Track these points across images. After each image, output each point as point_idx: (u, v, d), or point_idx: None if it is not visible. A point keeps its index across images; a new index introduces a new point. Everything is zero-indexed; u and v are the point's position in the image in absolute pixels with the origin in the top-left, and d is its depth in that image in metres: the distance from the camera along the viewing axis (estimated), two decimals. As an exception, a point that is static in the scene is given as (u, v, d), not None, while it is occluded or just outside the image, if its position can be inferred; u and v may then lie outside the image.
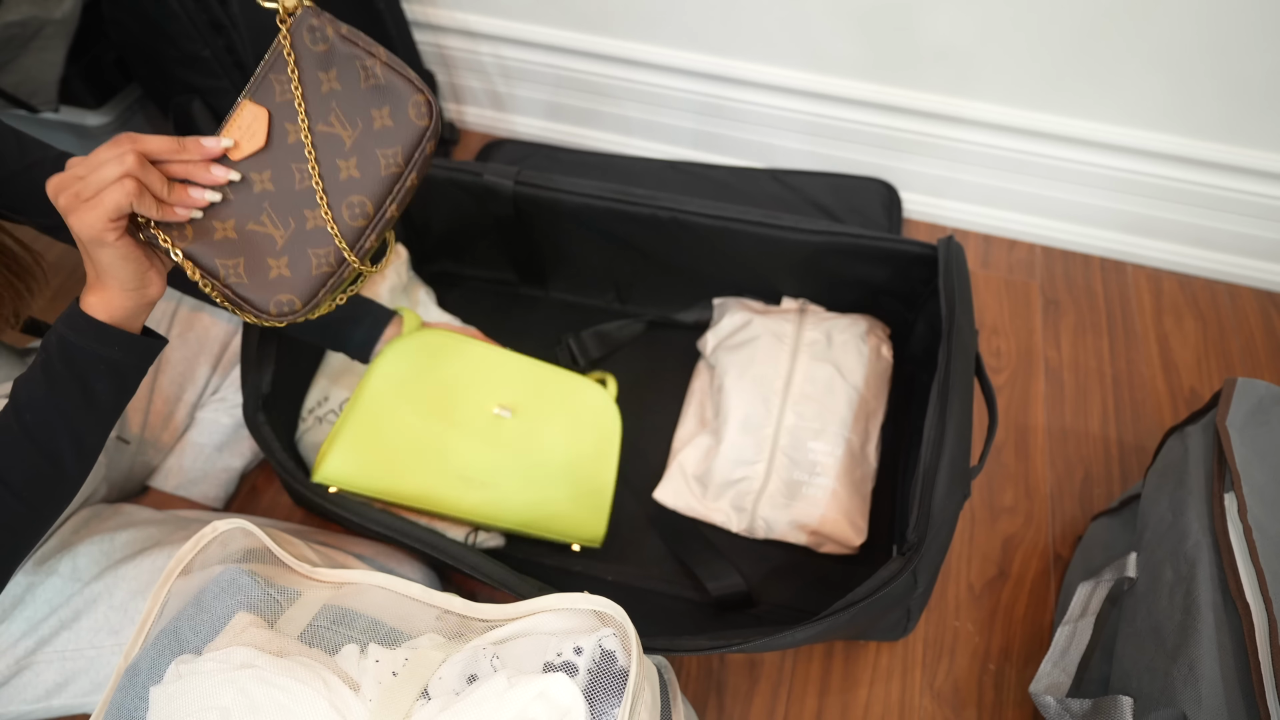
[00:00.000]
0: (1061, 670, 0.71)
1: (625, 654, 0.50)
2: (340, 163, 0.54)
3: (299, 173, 0.54)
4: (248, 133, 0.53)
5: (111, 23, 1.02)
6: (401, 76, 0.53)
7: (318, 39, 0.54)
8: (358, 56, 0.53)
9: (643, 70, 1.24)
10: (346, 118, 0.54)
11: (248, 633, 0.55)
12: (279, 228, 0.55)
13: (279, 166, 0.54)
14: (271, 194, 0.54)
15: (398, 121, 0.54)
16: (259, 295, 0.55)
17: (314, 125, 0.54)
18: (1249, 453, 0.67)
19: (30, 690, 0.70)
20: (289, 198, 0.54)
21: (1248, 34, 0.96)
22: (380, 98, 0.53)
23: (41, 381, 0.54)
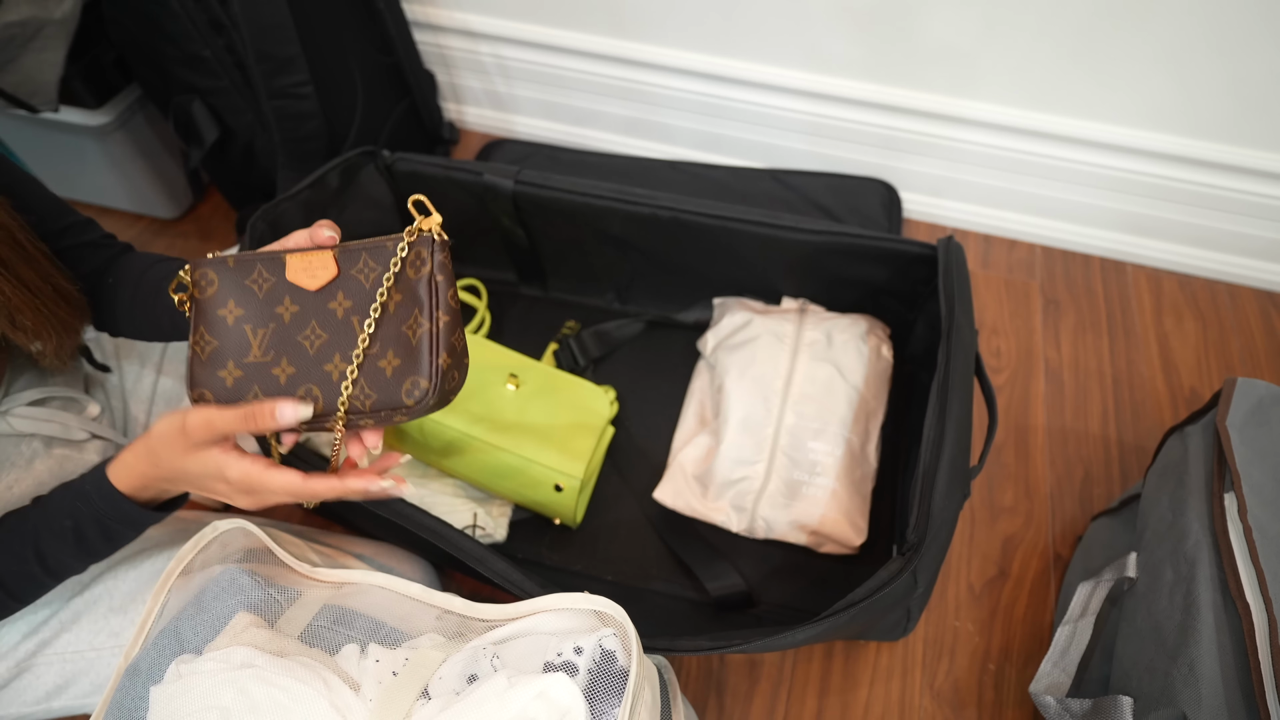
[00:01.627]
0: (1061, 670, 0.71)
1: (625, 654, 0.50)
2: (342, 357, 0.55)
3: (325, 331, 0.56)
4: (317, 265, 0.55)
5: (111, 23, 1.02)
6: (430, 355, 0.52)
7: (420, 268, 0.53)
8: (420, 305, 0.53)
9: (643, 70, 1.24)
10: (375, 335, 0.54)
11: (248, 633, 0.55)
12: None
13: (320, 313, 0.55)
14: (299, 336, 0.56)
15: (390, 381, 0.53)
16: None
17: (362, 314, 0.54)
18: (1249, 453, 0.67)
19: (30, 692, 0.70)
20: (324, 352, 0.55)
21: (1248, 34, 0.96)
22: (402, 349, 0.53)
23: (72, 545, 0.59)
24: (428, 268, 0.52)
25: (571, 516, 0.92)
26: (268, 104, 1.04)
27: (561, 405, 0.92)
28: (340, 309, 0.54)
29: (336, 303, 0.54)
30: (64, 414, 0.76)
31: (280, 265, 0.55)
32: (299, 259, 0.54)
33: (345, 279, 0.54)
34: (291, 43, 1.01)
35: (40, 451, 0.74)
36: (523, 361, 0.95)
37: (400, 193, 1.03)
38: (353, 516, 0.87)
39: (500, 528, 0.93)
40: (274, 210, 0.89)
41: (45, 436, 0.74)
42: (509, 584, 0.70)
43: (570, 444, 0.89)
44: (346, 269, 0.54)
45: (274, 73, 1.02)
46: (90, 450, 0.79)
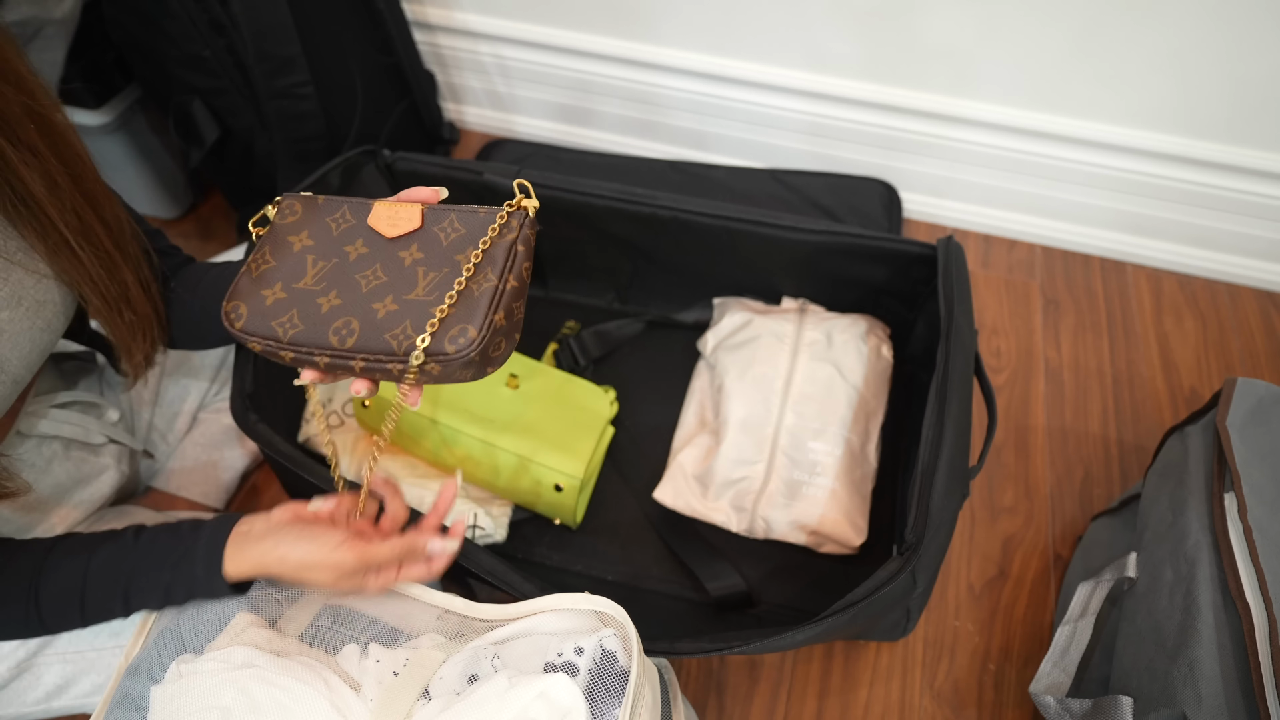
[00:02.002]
0: (1061, 670, 0.71)
1: (626, 654, 0.51)
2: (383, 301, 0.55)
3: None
4: (402, 216, 0.55)
5: (111, 23, 1.02)
6: (487, 309, 0.52)
7: (505, 234, 0.54)
8: (494, 265, 0.53)
9: (643, 70, 1.24)
10: (436, 281, 0.54)
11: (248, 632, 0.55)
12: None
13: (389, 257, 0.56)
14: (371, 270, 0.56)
15: (439, 327, 0.52)
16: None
17: (428, 267, 0.55)
18: (1249, 453, 0.67)
19: (31, 693, 0.70)
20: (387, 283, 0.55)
21: (1248, 34, 0.96)
22: (461, 299, 0.53)
23: (160, 598, 0.59)
24: (513, 235, 0.53)
25: (571, 516, 0.92)
26: (268, 104, 1.04)
27: (561, 405, 0.92)
28: (410, 258, 0.54)
29: (408, 252, 0.54)
30: (85, 418, 0.76)
31: (366, 210, 0.56)
32: (386, 207, 0.55)
33: (424, 233, 0.55)
34: (291, 43, 1.01)
35: (59, 454, 0.74)
36: (522, 361, 0.95)
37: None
38: (353, 516, 0.87)
39: (500, 528, 0.93)
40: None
41: (65, 439, 0.75)
42: (507, 586, 0.70)
43: (570, 444, 0.89)
44: (430, 224, 0.55)
45: (274, 73, 1.02)
46: (106, 454, 0.79)
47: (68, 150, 0.57)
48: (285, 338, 0.54)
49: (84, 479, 0.76)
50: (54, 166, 0.55)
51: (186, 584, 0.58)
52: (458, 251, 0.53)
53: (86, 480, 0.77)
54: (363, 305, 0.54)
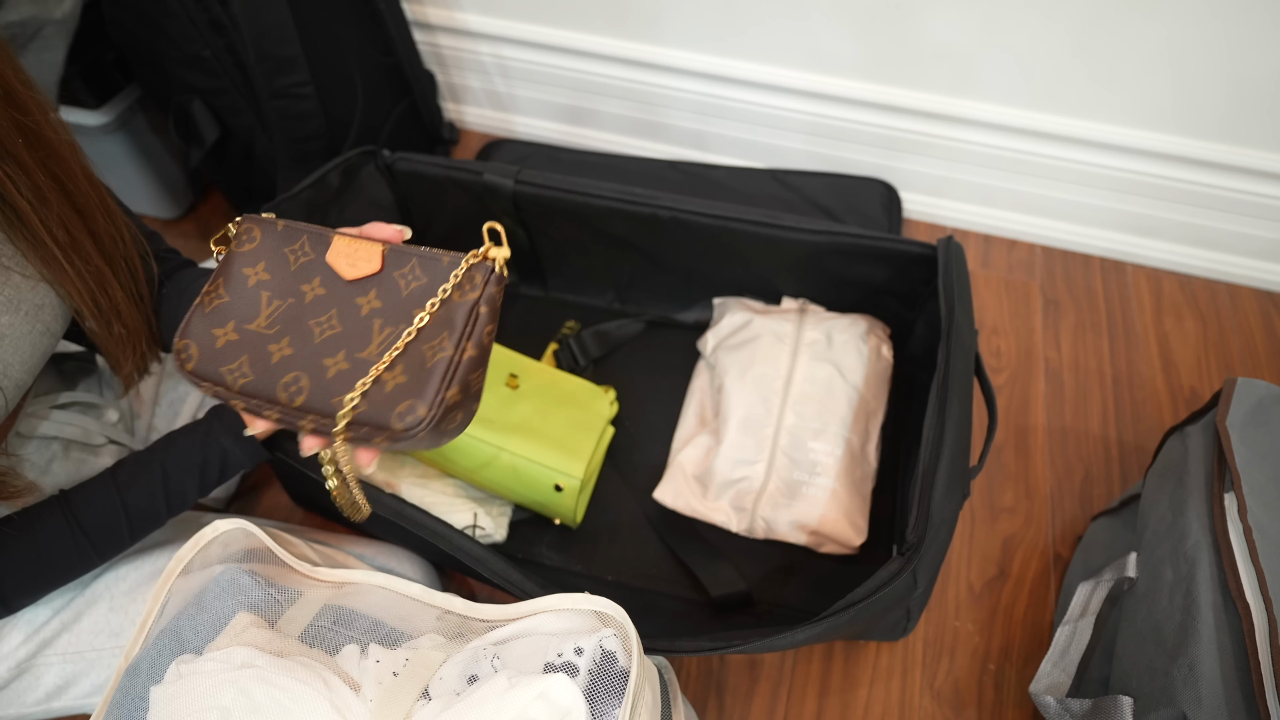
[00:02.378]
0: (1061, 670, 0.71)
1: (626, 654, 0.51)
2: (333, 360, 0.51)
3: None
4: (361, 256, 0.51)
5: (111, 23, 1.02)
6: (439, 383, 0.48)
7: (466, 291, 0.49)
8: (451, 329, 0.49)
9: (643, 70, 1.24)
10: (390, 339, 0.50)
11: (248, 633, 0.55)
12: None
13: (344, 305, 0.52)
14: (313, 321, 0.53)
15: (386, 396, 0.49)
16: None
17: (386, 319, 0.51)
18: (1249, 453, 0.67)
19: (31, 693, 0.70)
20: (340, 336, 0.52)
21: (1248, 34, 0.96)
22: (413, 366, 0.49)
23: (196, 480, 0.66)
24: (476, 294, 0.49)
25: (571, 516, 0.92)
26: (268, 104, 1.04)
27: (561, 405, 0.92)
28: (367, 306, 0.51)
29: (366, 299, 0.51)
30: (85, 419, 0.76)
31: (325, 244, 0.52)
32: (345, 244, 0.51)
33: (384, 279, 0.51)
34: (291, 43, 1.01)
35: (59, 454, 0.74)
36: (522, 361, 0.95)
37: (400, 192, 1.03)
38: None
39: (500, 528, 0.93)
40: (273, 210, 0.89)
41: (65, 440, 0.75)
42: (508, 584, 0.70)
43: (570, 444, 0.89)
44: (390, 269, 0.51)
45: (274, 73, 1.02)
46: (105, 455, 0.79)
47: (58, 164, 0.57)
48: (234, 386, 0.52)
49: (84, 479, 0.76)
50: (42, 180, 0.55)
51: (219, 456, 0.64)
52: (415, 305, 0.49)
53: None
54: (314, 359, 0.51)
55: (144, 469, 0.64)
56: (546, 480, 0.88)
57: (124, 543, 0.65)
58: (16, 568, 0.61)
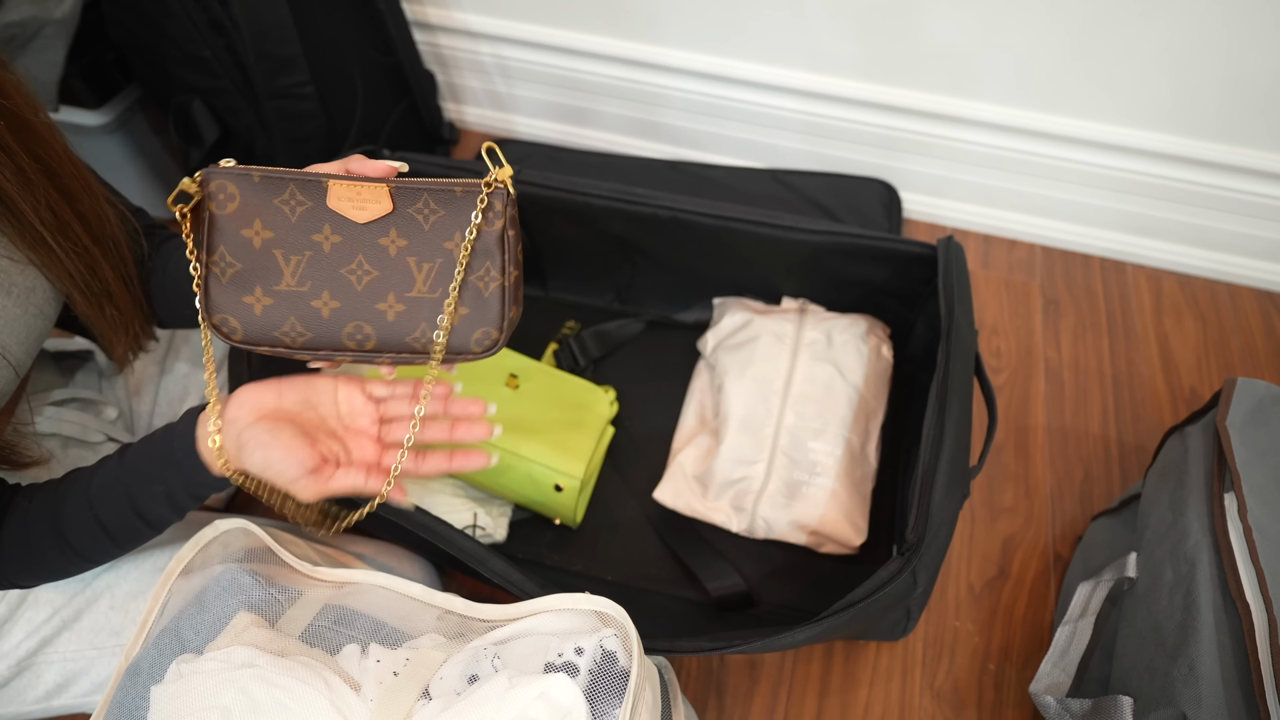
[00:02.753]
0: (1061, 670, 0.71)
1: (626, 654, 0.51)
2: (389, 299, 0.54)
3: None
4: (368, 198, 0.52)
5: (111, 23, 1.02)
6: (502, 308, 0.53)
7: (491, 220, 0.52)
8: (492, 258, 0.52)
9: (643, 70, 1.24)
10: (434, 274, 0.53)
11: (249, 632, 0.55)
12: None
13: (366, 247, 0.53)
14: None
15: (459, 328, 0.53)
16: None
17: (420, 256, 0.53)
18: (1249, 453, 0.67)
19: (31, 691, 0.70)
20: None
21: (1248, 34, 0.96)
22: (471, 298, 0.53)
23: (164, 505, 0.58)
24: (501, 221, 0.51)
25: (571, 516, 0.92)
26: (268, 104, 1.04)
27: (561, 405, 0.92)
28: (393, 246, 0.52)
29: (389, 239, 0.52)
30: (83, 415, 0.76)
31: (320, 191, 0.51)
32: (345, 188, 0.51)
33: (400, 216, 0.51)
34: (291, 43, 1.01)
35: (57, 452, 0.74)
36: (522, 361, 0.95)
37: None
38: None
39: (500, 528, 0.93)
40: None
41: (63, 437, 0.75)
42: (509, 584, 0.70)
43: (570, 444, 0.89)
44: (402, 206, 0.51)
45: (274, 73, 1.02)
46: (104, 452, 0.79)
47: (41, 146, 0.57)
48: (297, 344, 0.54)
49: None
50: (25, 163, 0.55)
51: (181, 485, 0.57)
52: (445, 238, 0.51)
53: None
54: (366, 306, 0.52)
55: (112, 489, 0.59)
56: (546, 480, 0.88)
57: (112, 553, 0.61)
58: (10, 549, 0.59)
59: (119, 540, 0.59)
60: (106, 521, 0.58)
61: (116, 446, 0.81)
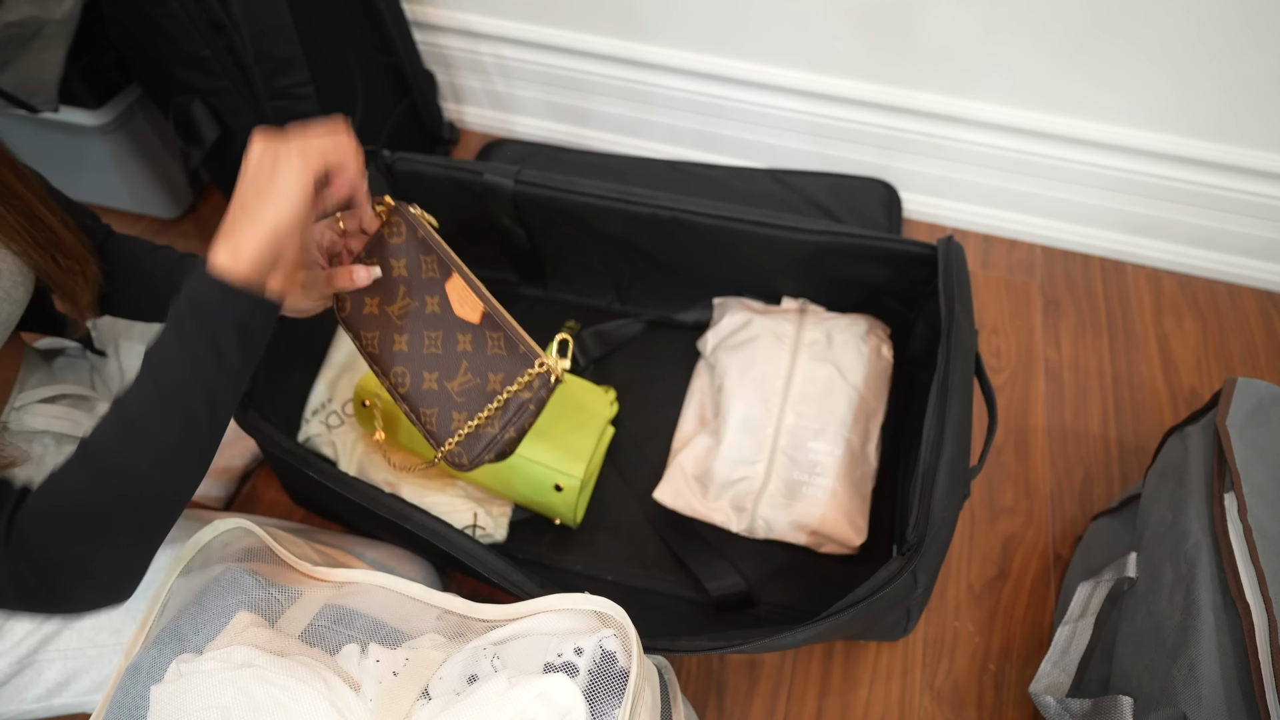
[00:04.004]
0: (1061, 670, 0.71)
1: (626, 655, 0.51)
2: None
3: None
4: (469, 305, 0.64)
5: (111, 23, 1.02)
6: (482, 450, 0.65)
7: (526, 389, 0.63)
8: (506, 415, 0.64)
9: (643, 70, 1.24)
10: (468, 386, 0.66)
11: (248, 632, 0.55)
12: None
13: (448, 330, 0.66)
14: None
15: (444, 422, 0.66)
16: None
17: (474, 371, 0.66)
18: (1249, 453, 0.67)
19: (32, 690, 0.70)
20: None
21: (1248, 34, 0.96)
22: (475, 429, 0.66)
23: (174, 345, 0.53)
24: (529, 395, 0.62)
25: (571, 516, 0.92)
26: (268, 104, 1.04)
27: (561, 405, 0.92)
28: (462, 345, 0.64)
29: (464, 338, 0.64)
30: (75, 411, 0.76)
31: (446, 271, 0.64)
32: (460, 285, 0.64)
33: (479, 331, 0.63)
34: (291, 43, 1.01)
35: (51, 448, 0.74)
36: None
37: (400, 192, 1.03)
38: (353, 516, 0.87)
39: (500, 528, 0.93)
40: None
41: (56, 434, 0.75)
42: (509, 584, 0.70)
43: (570, 444, 0.89)
44: (484, 327, 0.63)
45: (274, 73, 1.02)
46: None
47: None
48: (365, 348, 0.68)
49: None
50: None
51: (189, 309, 0.53)
52: (493, 370, 0.63)
53: None
54: (418, 367, 0.65)
55: (145, 382, 0.53)
56: (547, 480, 0.88)
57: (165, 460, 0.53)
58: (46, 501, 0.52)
59: (196, 452, 0.54)
60: (170, 431, 0.52)
61: None
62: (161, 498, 0.55)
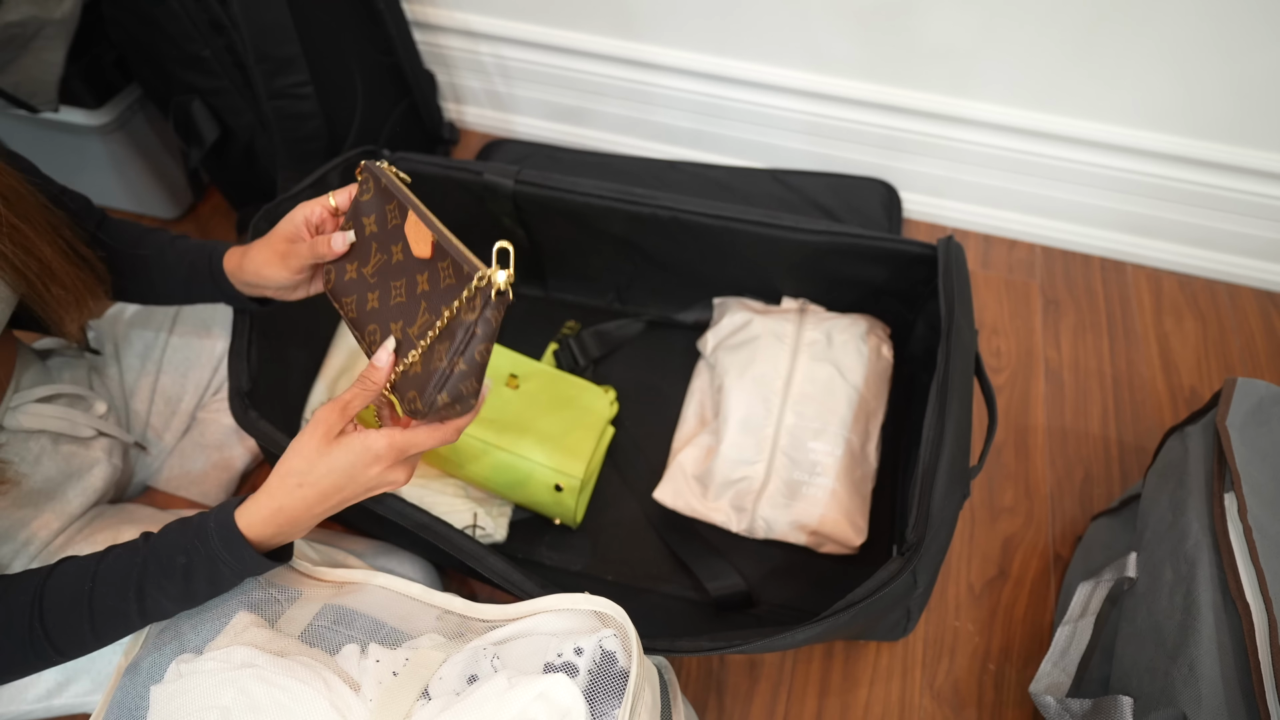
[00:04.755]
0: (1061, 670, 0.71)
1: (626, 655, 0.51)
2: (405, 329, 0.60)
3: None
4: (420, 239, 0.59)
5: (111, 23, 1.02)
6: (433, 388, 0.55)
7: (469, 309, 0.55)
8: (452, 341, 0.55)
9: (643, 70, 1.24)
10: (425, 325, 0.58)
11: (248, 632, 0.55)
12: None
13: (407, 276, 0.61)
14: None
15: (406, 378, 0.58)
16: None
17: (430, 307, 0.59)
18: (1249, 453, 0.67)
19: (32, 690, 0.70)
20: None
21: (1248, 33, 0.96)
22: (426, 364, 0.57)
23: (179, 584, 0.54)
24: (474, 315, 0.54)
25: (571, 516, 0.92)
26: (267, 104, 1.04)
27: (561, 405, 0.92)
28: (420, 286, 0.58)
29: (422, 278, 0.58)
30: (71, 411, 0.76)
31: (404, 214, 0.60)
32: (414, 223, 0.59)
33: (433, 265, 0.57)
34: (291, 43, 1.01)
35: (48, 448, 0.74)
36: (522, 361, 0.95)
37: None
38: (353, 516, 0.87)
39: (500, 528, 0.93)
40: (275, 210, 0.89)
41: (53, 433, 0.75)
42: (509, 584, 0.70)
43: (570, 444, 0.89)
44: (436, 259, 0.57)
45: (274, 73, 1.02)
46: (96, 447, 0.79)
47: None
48: (346, 314, 0.64)
49: (74, 473, 0.76)
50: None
51: (205, 559, 0.53)
52: (447, 300, 0.56)
53: (77, 474, 0.76)
54: (386, 320, 0.61)
55: (126, 556, 0.55)
56: (547, 480, 0.88)
57: (86, 640, 0.54)
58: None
59: (97, 621, 0.54)
60: (96, 593, 0.53)
61: (110, 441, 0.80)
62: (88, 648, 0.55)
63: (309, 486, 0.54)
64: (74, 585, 0.54)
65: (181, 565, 0.54)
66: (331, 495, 0.54)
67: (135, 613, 0.54)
